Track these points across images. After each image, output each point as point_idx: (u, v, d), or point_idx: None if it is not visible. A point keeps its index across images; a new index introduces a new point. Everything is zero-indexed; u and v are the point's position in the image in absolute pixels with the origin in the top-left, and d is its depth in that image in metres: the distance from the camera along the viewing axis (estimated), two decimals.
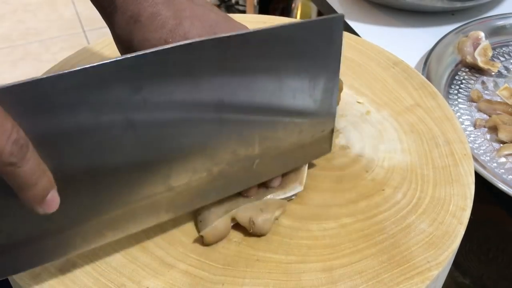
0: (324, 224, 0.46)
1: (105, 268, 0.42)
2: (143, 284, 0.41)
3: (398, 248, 0.44)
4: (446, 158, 0.52)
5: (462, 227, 0.46)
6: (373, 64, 0.63)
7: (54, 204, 0.34)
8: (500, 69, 0.77)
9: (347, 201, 0.48)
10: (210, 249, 0.44)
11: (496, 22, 0.83)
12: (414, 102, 0.59)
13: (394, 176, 0.51)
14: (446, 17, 0.88)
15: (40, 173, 0.33)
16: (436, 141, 0.54)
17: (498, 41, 0.81)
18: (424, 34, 0.85)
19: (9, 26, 2.26)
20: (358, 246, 0.44)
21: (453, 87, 0.74)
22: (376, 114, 0.57)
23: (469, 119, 0.69)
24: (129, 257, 0.43)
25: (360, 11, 0.88)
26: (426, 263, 0.43)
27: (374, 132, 0.55)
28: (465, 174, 0.51)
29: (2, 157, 0.30)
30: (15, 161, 0.31)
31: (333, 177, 0.49)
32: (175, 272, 0.42)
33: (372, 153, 0.53)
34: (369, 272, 0.43)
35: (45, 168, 0.33)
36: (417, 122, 0.56)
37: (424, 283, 0.42)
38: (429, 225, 0.46)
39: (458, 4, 0.85)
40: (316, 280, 0.42)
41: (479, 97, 0.72)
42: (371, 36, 0.79)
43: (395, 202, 0.48)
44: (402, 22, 0.87)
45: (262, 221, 0.44)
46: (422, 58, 0.77)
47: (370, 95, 0.59)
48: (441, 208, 0.48)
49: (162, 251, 0.43)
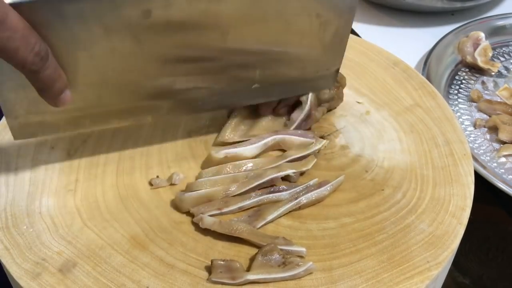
0: (323, 224, 0.46)
1: (105, 268, 0.42)
2: (143, 284, 0.41)
3: (397, 248, 0.44)
4: (446, 158, 0.52)
5: (462, 227, 0.46)
6: (373, 64, 0.63)
7: (66, 101, 0.42)
8: (500, 69, 0.77)
9: (347, 201, 0.48)
10: (210, 249, 0.44)
11: (496, 22, 0.83)
12: (414, 102, 0.59)
13: (393, 176, 0.51)
14: (446, 17, 0.88)
15: (56, 77, 0.40)
16: (436, 141, 0.54)
17: (498, 41, 0.81)
18: (424, 34, 0.85)
19: None
20: (358, 246, 0.44)
21: (453, 87, 0.74)
22: (376, 114, 0.57)
23: (469, 119, 0.69)
24: (129, 257, 0.43)
25: (360, 11, 0.88)
26: (425, 263, 0.43)
27: (374, 132, 0.55)
28: (465, 174, 0.51)
29: (25, 66, 0.37)
30: (36, 69, 0.38)
31: (333, 177, 0.49)
32: (175, 272, 0.42)
33: (372, 153, 0.53)
34: (369, 272, 0.43)
35: (61, 73, 0.41)
36: (416, 122, 0.56)
37: (423, 283, 0.42)
38: (428, 225, 0.46)
39: (458, 4, 0.85)
40: (315, 280, 0.42)
41: (479, 97, 0.72)
42: (371, 36, 0.79)
43: (394, 202, 0.48)
44: (402, 22, 0.87)
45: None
46: (422, 58, 0.77)
47: (370, 95, 0.59)
48: (440, 208, 0.48)
49: (162, 251, 0.43)
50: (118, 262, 0.42)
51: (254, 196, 0.47)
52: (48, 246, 0.43)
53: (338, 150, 0.53)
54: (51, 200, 0.47)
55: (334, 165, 0.52)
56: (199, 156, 0.51)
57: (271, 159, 0.50)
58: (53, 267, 0.42)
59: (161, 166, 0.50)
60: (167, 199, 0.47)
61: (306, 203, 0.47)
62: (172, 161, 0.51)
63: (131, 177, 0.49)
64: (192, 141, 0.53)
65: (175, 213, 0.46)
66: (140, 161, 0.51)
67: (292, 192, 0.48)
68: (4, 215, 0.45)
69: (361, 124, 0.56)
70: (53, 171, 0.49)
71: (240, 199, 0.47)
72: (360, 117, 0.57)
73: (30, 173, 0.49)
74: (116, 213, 0.46)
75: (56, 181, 0.49)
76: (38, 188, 0.48)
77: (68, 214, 0.46)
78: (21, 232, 0.44)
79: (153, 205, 0.47)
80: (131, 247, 0.43)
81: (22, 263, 0.42)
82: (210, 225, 0.44)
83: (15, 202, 0.46)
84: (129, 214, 0.46)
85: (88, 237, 0.44)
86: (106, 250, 0.43)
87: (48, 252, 0.43)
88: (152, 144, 0.52)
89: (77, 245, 0.43)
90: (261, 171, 0.48)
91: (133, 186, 0.48)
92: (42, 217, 0.45)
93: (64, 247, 0.43)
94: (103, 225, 0.45)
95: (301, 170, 0.49)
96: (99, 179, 0.49)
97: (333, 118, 0.56)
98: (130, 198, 0.47)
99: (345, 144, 0.54)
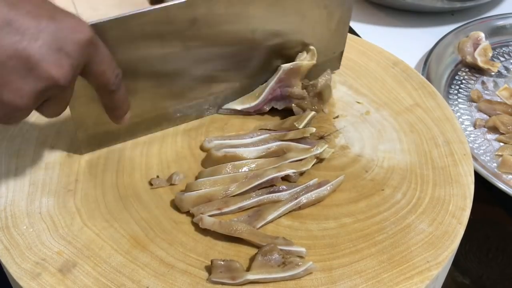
0: (323, 224, 0.46)
1: (105, 268, 0.42)
2: (143, 284, 0.41)
3: (397, 248, 0.44)
4: (446, 158, 0.52)
5: (462, 227, 0.46)
6: (373, 64, 0.63)
7: (126, 121, 0.46)
8: (500, 69, 0.77)
9: (347, 201, 0.48)
10: (210, 249, 0.44)
11: (496, 22, 0.83)
12: (414, 102, 0.59)
13: (393, 176, 0.51)
14: (446, 17, 0.88)
15: (125, 99, 0.45)
16: (436, 141, 0.54)
17: (498, 41, 0.81)
18: (424, 34, 0.85)
19: None
20: (358, 246, 0.44)
21: (453, 87, 0.74)
22: (376, 114, 0.57)
23: (469, 119, 0.69)
24: (129, 257, 0.43)
25: (360, 11, 0.88)
26: (425, 263, 0.43)
27: (374, 132, 0.55)
28: (465, 174, 0.51)
29: (107, 86, 0.42)
30: (114, 89, 0.42)
31: (333, 177, 0.49)
32: (175, 272, 0.42)
33: (372, 153, 0.53)
34: (369, 272, 0.43)
35: (127, 95, 0.45)
36: (416, 122, 0.56)
37: (423, 283, 0.42)
38: (428, 225, 0.46)
39: (458, 4, 0.85)
40: (315, 280, 0.42)
41: (479, 97, 0.72)
42: (371, 36, 0.79)
43: (394, 202, 0.48)
44: (402, 22, 0.87)
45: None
46: (422, 58, 0.77)
47: (370, 95, 0.59)
48: (440, 208, 0.48)
49: (162, 251, 0.43)
50: (118, 262, 0.42)
51: (254, 196, 0.47)
52: (48, 246, 0.43)
53: (338, 150, 0.53)
54: (51, 200, 0.47)
55: (334, 165, 0.52)
56: (199, 156, 0.51)
57: (271, 159, 0.50)
58: (53, 267, 0.42)
59: (161, 166, 0.50)
60: (167, 199, 0.47)
61: (306, 203, 0.47)
62: (172, 161, 0.51)
63: (131, 177, 0.49)
64: (192, 141, 0.53)
65: (175, 213, 0.46)
66: (140, 161, 0.51)
67: (292, 192, 0.48)
68: (4, 215, 0.45)
69: (361, 124, 0.56)
70: (53, 171, 0.49)
71: (240, 199, 0.47)
72: (360, 117, 0.57)
73: (30, 173, 0.49)
74: (116, 213, 0.46)
75: (56, 181, 0.49)
76: (38, 188, 0.48)
77: (68, 214, 0.46)
78: (21, 232, 0.44)
79: (153, 205, 0.47)
80: (131, 247, 0.43)
81: (22, 263, 0.42)
82: (210, 225, 0.44)
83: (15, 202, 0.46)
84: (129, 214, 0.46)
85: (88, 237, 0.44)
86: (106, 250, 0.43)
87: (48, 252, 0.43)
88: (152, 144, 0.52)
89: (77, 245, 0.43)
90: (261, 171, 0.48)
91: (133, 186, 0.48)
92: (42, 217, 0.45)
93: (64, 247, 0.43)
94: (103, 225, 0.45)
95: (301, 170, 0.49)
96: (99, 179, 0.49)
97: (333, 118, 0.56)
98: (130, 198, 0.47)
99: (345, 144, 0.54)
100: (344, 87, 0.60)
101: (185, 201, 0.46)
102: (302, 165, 0.49)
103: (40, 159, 0.50)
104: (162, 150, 0.52)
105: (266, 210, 0.46)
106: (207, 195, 0.46)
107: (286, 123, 0.54)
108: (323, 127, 0.55)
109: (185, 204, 0.46)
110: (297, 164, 0.50)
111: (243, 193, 0.47)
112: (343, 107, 0.58)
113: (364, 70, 0.63)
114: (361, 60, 0.64)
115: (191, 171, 0.50)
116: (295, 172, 0.49)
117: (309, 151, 0.51)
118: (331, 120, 0.56)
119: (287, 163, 0.50)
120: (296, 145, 0.51)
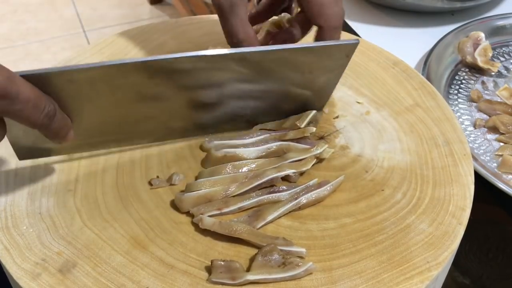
0: (323, 224, 0.46)
1: (105, 268, 0.42)
2: (143, 285, 0.41)
3: (397, 248, 0.44)
4: (446, 158, 0.52)
5: (462, 227, 0.46)
6: (373, 64, 0.63)
7: (69, 140, 0.46)
8: (500, 69, 0.77)
9: (347, 201, 0.48)
10: (210, 250, 0.44)
11: (496, 22, 0.83)
12: (414, 102, 0.59)
13: (393, 176, 0.51)
14: (446, 17, 0.88)
15: (62, 126, 0.44)
16: (436, 141, 0.54)
17: (498, 41, 0.81)
18: (424, 34, 0.85)
19: (10, 26, 2.26)
20: (358, 246, 0.44)
21: (453, 87, 0.74)
22: (376, 114, 0.57)
23: (469, 119, 0.69)
24: (129, 257, 0.43)
25: (360, 11, 0.88)
26: (425, 263, 0.43)
27: (374, 132, 0.55)
28: (465, 174, 0.51)
29: (35, 127, 0.42)
30: (46, 125, 0.42)
31: (333, 177, 0.49)
32: (175, 272, 0.42)
33: (372, 153, 0.53)
34: (369, 272, 0.43)
35: (67, 121, 0.45)
36: (416, 122, 0.56)
37: (423, 283, 0.42)
38: (428, 225, 0.46)
39: (458, 4, 0.85)
40: (315, 280, 0.42)
41: (479, 97, 0.72)
42: (371, 36, 0.79)
43: (394, 202, 0.48)
44: (402, 22, 0.87)
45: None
46: (422, 58, 0.77)
47: (370, 95, 0.59)
48: (440, 208, 0.48)
49: (162, 251, 0.43)
50: (118, 262, 0.42)
51: (254, 196, 0.47)
52: (48, 246, 0.43)
53: (338, 150, 0.53)
54: (51, 200, 0.47)
55: (334, 165, 0.52)
56: (199, 156, 0.51)
57: (271, 159, 0.50)
58: (53, 267, 0.42)
59: (161, 166, 0.50)
60: (167, 199, 0.47)
61: (306, 203, 0.47)
62: (172, 161, 0.51)
63: (131, 177, 0.49)
64: (192, 141, 0.53)
65: (175, 213, 0.46)
66: (140, 161, 0.51)
67: (292, 192, 0.48)
68: (4, 215, 0.45)
69: (361, 124, 0.56)
70: (53, 171, 0.49)
71: (240, 199, 0.47)
72: (360, 117, 0.57)
73: (30, 173, 0.49)
74: (116, 213, 0.46)
75: (56, 181, 0.49)
76: (38, 188, 0.48)
77: (68, 214, 0.46)
78: (21, 232, 0.44)
79: (153, 205, 0.47)
80: (131, 247, 0.43)
81: (22, 263, 0.42)
82: (210, 226, 0.44)
83: (15, 202, 0.46)
84: (129, 214, 0.46)
85: (88, 237, 0.44)
86: (106, 250, 0.43)
87: (48, 253, 0.43)
88: (152, 144, 0.52)
89: (77, 245, 0.43)
90: (261, 171, 0.48)
91: (133, 186, 0.48)
92: (42, 217, 0.45)
93: (64, 247, 0.43)
94: (103, 225, 0.45)
95: (300, 170, 0.49)
96: (99, 179, 0.49)
97: (333, 118, 0.56)
98: (130, 198, 0.47)
99: (345, 144, 0.54)
100: (344, 87, 0.60)
101: (185, 202, 0.46)
102: (302, 165, 0.49)
103: (40, 159, 0.50)
104: (162, 150, 0.52)
105: (266, 210, 0.46)
106: (207, 196, 0.46)
107: (287, 122, 0.54)
108: (323, 127, 0.55)
109: (185, 205, 0.46)
110: (297, 164, 0.50)
111: (243, 193, 0.47)
112: (343, 107, 0.58)
113: (364, 70, 0.63)
114: (361, 60, 0.64)
115: (191, 171, 0.50)
116: (295, 172, 0.49)
117: (309, 151, 0.51)
118: (331, 120, 0.56)
119: (287, 163, 0.50)
120: (296, 145, 0.51)
